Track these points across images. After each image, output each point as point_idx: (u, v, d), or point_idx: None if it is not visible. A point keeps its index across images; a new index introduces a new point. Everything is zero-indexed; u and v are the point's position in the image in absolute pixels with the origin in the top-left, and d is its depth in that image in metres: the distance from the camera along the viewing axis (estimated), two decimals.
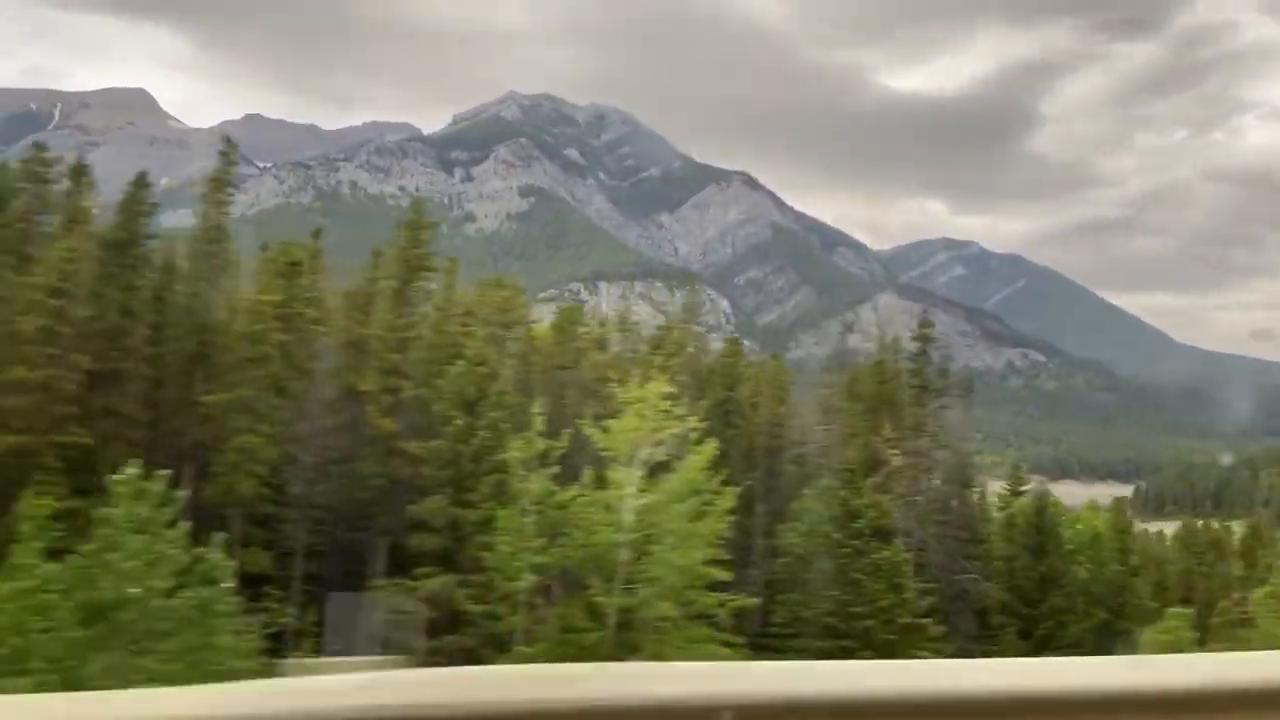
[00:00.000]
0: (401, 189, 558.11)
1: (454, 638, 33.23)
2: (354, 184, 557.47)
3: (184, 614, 21.65)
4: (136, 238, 46.37)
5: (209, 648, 21.57)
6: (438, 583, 34.87)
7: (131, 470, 22.87)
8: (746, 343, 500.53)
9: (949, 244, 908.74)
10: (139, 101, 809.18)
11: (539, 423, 31.37)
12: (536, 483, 30.81)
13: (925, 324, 61.03)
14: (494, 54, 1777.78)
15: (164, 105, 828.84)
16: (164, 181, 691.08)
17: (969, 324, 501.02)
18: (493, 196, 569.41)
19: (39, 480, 33.52)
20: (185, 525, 23.23)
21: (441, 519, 37.22)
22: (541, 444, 31.11)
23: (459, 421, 39.12)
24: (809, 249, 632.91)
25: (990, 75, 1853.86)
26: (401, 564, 38.22)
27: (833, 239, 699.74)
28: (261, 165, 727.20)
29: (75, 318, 41.21)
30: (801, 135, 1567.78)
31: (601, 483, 30.54)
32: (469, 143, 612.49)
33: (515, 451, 31.57)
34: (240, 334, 45.22)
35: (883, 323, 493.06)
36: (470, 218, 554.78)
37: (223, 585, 22.95)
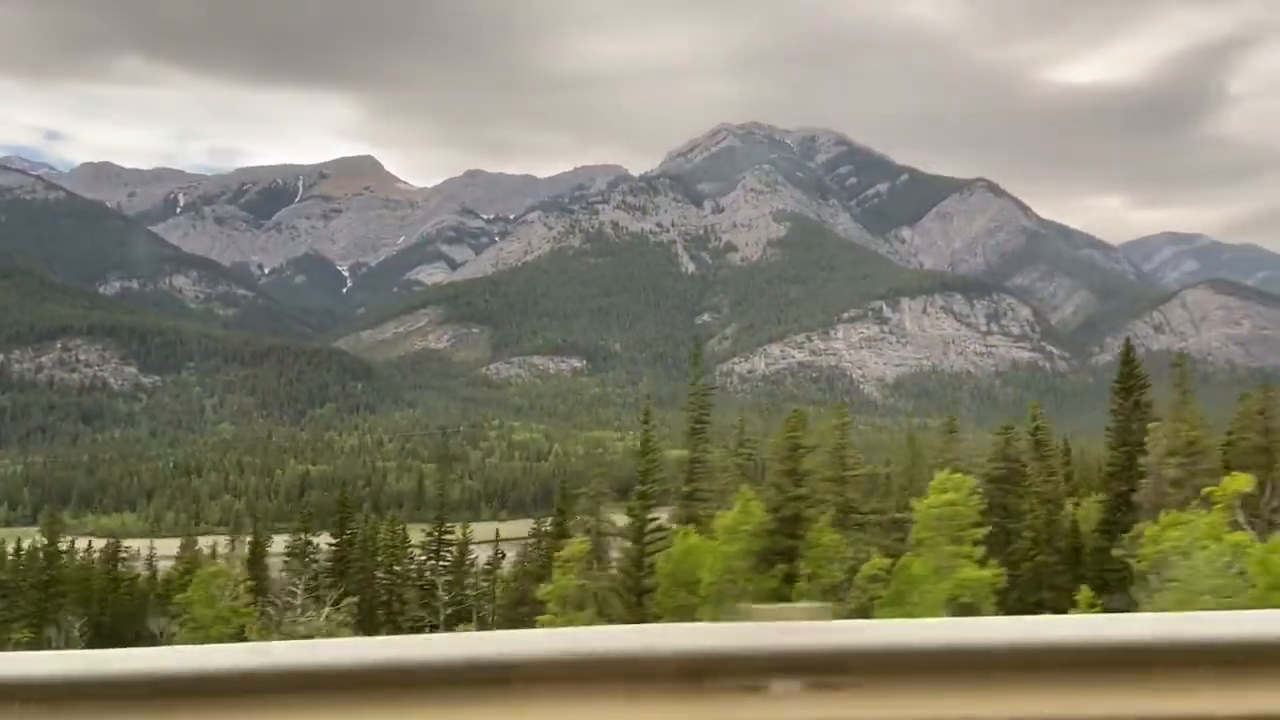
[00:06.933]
0: (659, 225, 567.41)
1: None
2: (615, 224, 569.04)
3: None
4: None
5: None
6: None
7: None
8: (1053, 350, 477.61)
9: (1174, 238, 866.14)
10: (368, 168, 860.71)
11: None
12: None
13: None
14: (669, 92, 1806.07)
15: (389, 169, 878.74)
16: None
17: None
18: (748, 225, 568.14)
19: None
20: None
21: None
22: None
23: None
24: (1061, 252, 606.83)
25: (1171, 56, 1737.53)
26: None
27: (1078, 241, 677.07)
28: (486, 216, 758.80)
29: None
30: (973, 137, 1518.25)
31: None
32: (714, 174, 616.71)
33: None
34: None
35: (1197, 320, 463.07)
36: (732, 247, 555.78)
37: None
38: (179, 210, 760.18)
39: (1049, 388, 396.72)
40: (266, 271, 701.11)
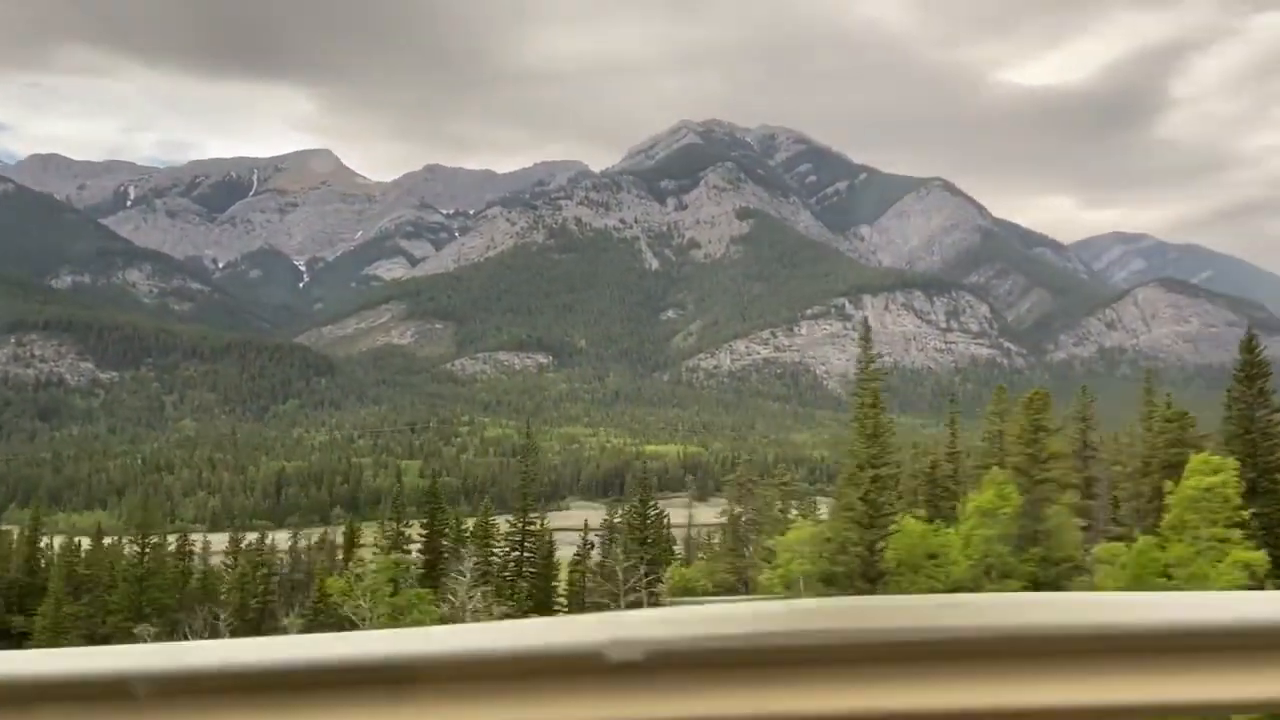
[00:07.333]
0: (622, 221, 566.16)
1: None
2: (578, 220, 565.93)
3: None
4: None
5: None
6: None
7: None
8: (1010, 346, 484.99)
9: (1122, 238, 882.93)
10: (325, 161, 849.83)
11: None
12: None
13: None
14: (627, 89, 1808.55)
15: (347, 163, 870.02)
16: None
17: (1235, 314, 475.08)
18: (711, 222, 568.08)
19: None
20: None
21: None
22: None
23: None
24: (1015, 250, 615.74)
25: (1117, 60, 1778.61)
26: None
27: (1031, 240, 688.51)
28: (446, 212, 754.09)
29: None
30: (929, 137, 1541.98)
31: None
32: (675, 171, 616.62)
33: None
34: None
35: (1148, 318, 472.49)
36: (695, 244, 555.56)
37: None
38: (130, 203, 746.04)
39: (1006, 384, 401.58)
40: (221, 266, 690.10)
